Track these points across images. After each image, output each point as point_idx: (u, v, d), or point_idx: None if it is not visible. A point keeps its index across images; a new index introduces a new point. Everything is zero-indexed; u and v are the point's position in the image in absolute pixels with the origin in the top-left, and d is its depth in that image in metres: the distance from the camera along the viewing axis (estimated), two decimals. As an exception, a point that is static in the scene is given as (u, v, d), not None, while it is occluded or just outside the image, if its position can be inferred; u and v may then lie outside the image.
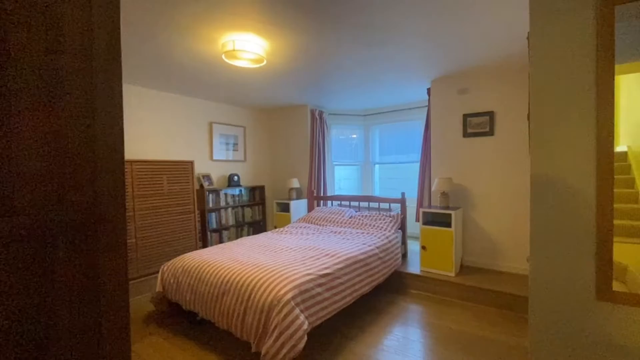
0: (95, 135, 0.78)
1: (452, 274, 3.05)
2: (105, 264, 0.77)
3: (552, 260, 1.12)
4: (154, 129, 3.85)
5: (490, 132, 3.22)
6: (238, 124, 4.99)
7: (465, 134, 3.36)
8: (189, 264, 2.54)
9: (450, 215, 3.07)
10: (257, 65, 2.60)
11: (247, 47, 2.26)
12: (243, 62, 2.47)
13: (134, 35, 2.27)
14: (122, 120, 0.82)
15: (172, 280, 2.57)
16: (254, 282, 2.06)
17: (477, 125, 3.29)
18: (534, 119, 1.10)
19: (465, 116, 3.35)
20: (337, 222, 3.82)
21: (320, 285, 2.13)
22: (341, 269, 2.38)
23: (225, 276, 2.23)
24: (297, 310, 1.88)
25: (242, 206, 4.85)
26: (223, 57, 2.39)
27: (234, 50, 2.25)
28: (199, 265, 2.47)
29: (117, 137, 0.83)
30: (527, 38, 1.37)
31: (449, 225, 3.10)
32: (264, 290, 1.97)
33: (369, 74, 3.27)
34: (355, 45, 2.52)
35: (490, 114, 3.22)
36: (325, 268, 2.29)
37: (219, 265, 2.38)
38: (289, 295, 1.89)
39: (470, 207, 3.37)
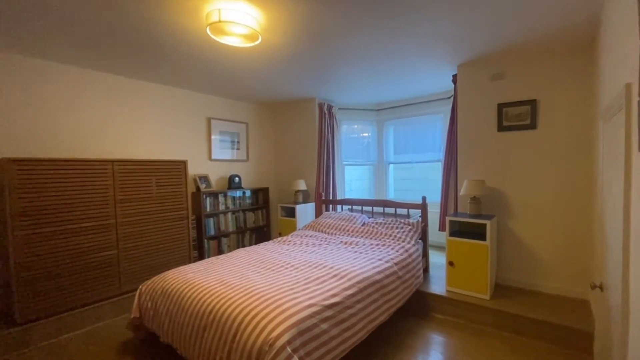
0: None
1: (487, 297, 2.54)
2: None
3: None
4: (143, 126, 3.45)
5: (532, 125, 2.68)
6: (240, 120, 4.57)
7: (501, 128, 2.83)
8: (169, 285, 2.11)
9: (484, 225, 2.56)
10: (251, 44, 2.14)
11: (235, 17, 1.81)
12: (233, 38, 2.02)
13: (102, 7, 1.85)
14: None
15: (149, 305, 2.15)
16: (241, 316, 1.61)
17: (516, 116, 2.75)
18: None
19: (501, 106, 2.82)
20: (348, 231, 3.35)
21: (325, 319, 1.67)
22: (352, 295, 1.91)
23: (208, 304, 1.79)
24: (295, 359, 1.42)
25: (244, 210, 4.43)
26: (208, 31, 1.94)
27: (219, 22, 1.80)
28: (180, 287, 2.04)
29: None
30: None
31: (482, 237, 2.59)
32: (253, 329, 1.51)
33: (385, 58, 2.78)
34: (368, 19, 2.04)
35: (532, 103, 2.68)
36: (333, 295, 1.82)
37: (203, 288, 1.94)
38: (285, 338, 1.43)
39: (507, 216, 2.84)
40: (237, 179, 4.31)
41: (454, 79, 3.18)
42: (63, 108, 2.87)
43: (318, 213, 4.18)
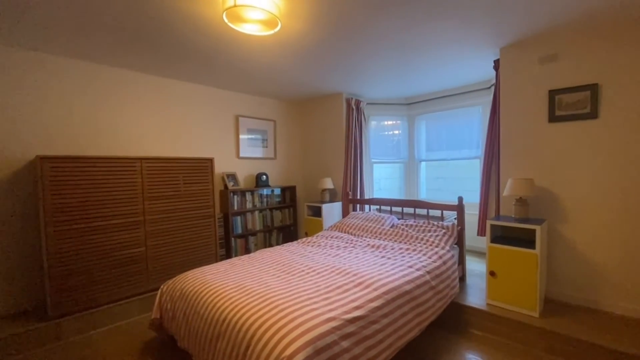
0: None
1: (536, 314, 2.22)
2: None
3: None
4: (171, 124, 3.48)
5: (593, 114, 2.30)
6: (267, 117, 4.51)
7: (553, 118, 2.46)
8: (188, 287, 2.05)
9: (533, 231, 2.24)
10: (271, 32, 2.01)
11: (252, 0, 1.69)
12: (251, 25, 1.90)
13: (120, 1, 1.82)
14: None
15: (169, 306, 2.11)
16: (254, 328, 1.49)
17: (572, 104, 2.38)
18: None
19: (552, 93, 2.45)
20: (376, 233, 3.14)
21: (347, 336, 1.50)
22: (379, 308, 1.72)
23: (222, 311, 1.69)
24: (310, 381, 1.27)
25: (271, 209, 4.36)
26: (225, 19, 1.84)
27: (235, 6, 1.69)
28: (197, 289, 1.97)
29: None
30: None
31: (530, 244, 2.27)
32: (266, 344, 1.39)
33: (416, 45, 2.53)
34: (399, -2, 1.82)
35: (593, 88, 2.29)
36: (356, 308, 1.64)
37: (220, 292, 1.85)
38: (299, 358, 1.29)
39: (560, 220, 2.47)
40: (264, 177, 4.25)
41: (496, 64, 2.84)
42: (90, 106, 2.94)
43: (345, 213, 4.00)
